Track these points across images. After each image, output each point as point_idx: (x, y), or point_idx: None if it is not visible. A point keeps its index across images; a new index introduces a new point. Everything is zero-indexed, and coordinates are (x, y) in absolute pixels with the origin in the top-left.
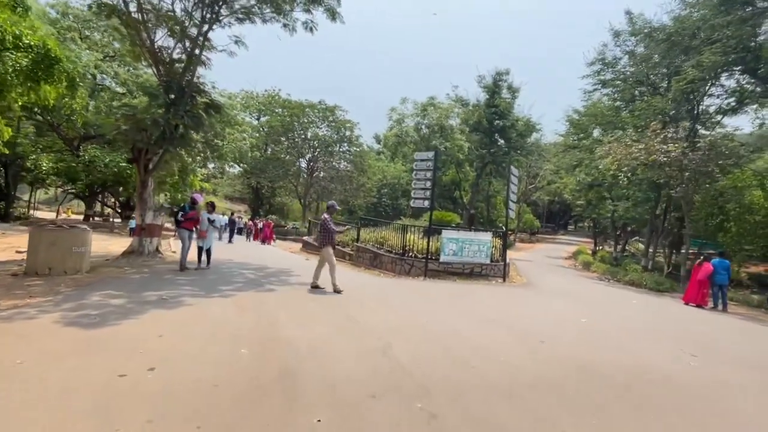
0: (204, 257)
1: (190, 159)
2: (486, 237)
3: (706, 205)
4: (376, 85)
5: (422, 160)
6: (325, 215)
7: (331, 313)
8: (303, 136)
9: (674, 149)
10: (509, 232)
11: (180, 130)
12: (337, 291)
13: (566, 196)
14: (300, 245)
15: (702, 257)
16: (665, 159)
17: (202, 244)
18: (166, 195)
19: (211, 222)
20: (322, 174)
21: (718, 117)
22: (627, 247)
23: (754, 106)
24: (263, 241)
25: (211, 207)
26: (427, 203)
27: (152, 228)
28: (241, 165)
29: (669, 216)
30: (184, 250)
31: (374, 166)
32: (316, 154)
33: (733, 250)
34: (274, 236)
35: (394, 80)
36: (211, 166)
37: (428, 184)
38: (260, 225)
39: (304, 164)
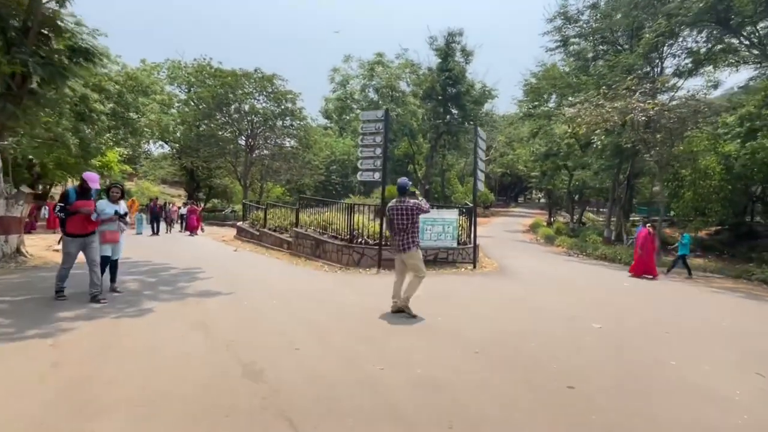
0: (107, 275)
1: (93, 133)
2: (451, 215)
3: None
4: (320, 54)
5: (370, 121)
6: (409, 201)
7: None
8: (239, 110)
9: (651, 107)
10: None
11: (31, 84)
12: (410, 314)
13: (520, 167)
14: (235, 232)
15: (642, 224)
16: (643, 118)
17: (110, 252)
18: (61, 181)
19: (121, 218)
20: (264, 151)
21: (675, 80)
22: (582, 218)
23: (709, 67)
24: (189, 231)
25: (116, 192)
26: (378, 175)
27: (6, 222)
28: (169, 143)
29: (631, 183)
30: (64, 268)
31: (321, 141)
32: (255, 129)
33: (687, 219)
34: (201, 224)
35: (342, 46)
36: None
37: (378, 151)
38: (183, 211)
39: (242, 141)
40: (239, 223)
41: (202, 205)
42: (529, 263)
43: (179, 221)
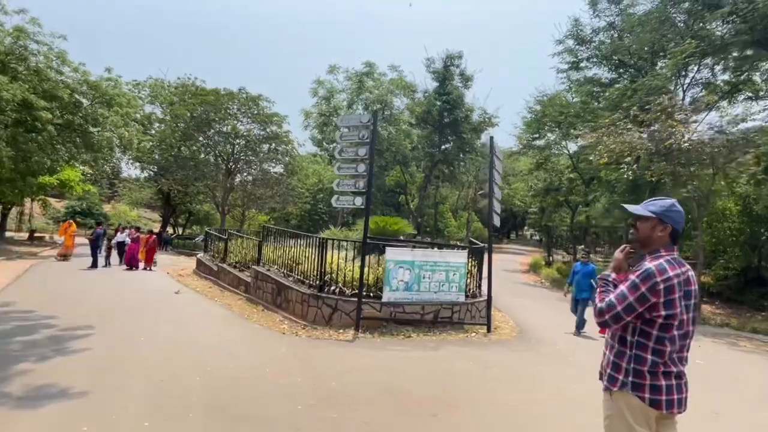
0: None
1: (35, 145)
2: (458, 258)
3: None
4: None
5: (352, 129)
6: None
7: None
8: (220, 132)
9: (692, 132)
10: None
11: None
12: None
13: (517, 202)
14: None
15: None
16: (687, 146)
17: None
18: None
19: None
20: (246, 176)
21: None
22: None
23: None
24: (129, 265)
25: None
26: (359, 201)
27: None
28: (144, 165)
29: None
30: None
31: (309, 168)
32: (237, 153)
33: (707, 262)
34: (154, 255)
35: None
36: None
37: (362, 168)
38: (121, 238)
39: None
40: (199, 255)
41: (176, 230)
42: (551, 318)
43: (108, 251)
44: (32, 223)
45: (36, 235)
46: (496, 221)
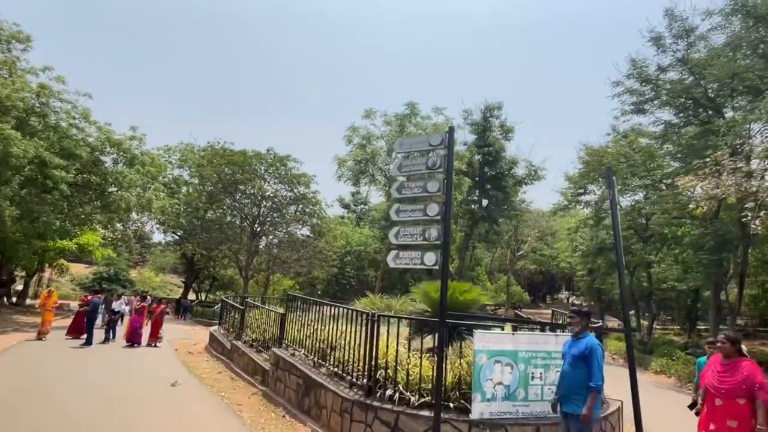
0: None
1: (46, 205)
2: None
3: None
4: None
5: (416, 154)
6: None
7: None
8: (246, 193)
9: None
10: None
11: None
12: None
13: (562, 263)
14: (210, 339)
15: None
16: None
17: None
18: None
19: None
20: (272, 238)
21: None
22: (654, 326)
23: None
24: (130, 341)
25: None
26: (431, 258)
27: None
28: (166, 228)
29: (743, 285)
30: None
31: (336, 230)
32: (263, 216)
33: None
34: (160, 330)
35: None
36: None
37: (434, 209)
38: (122, 308)
39: (248, 227)
40: (212, 329)
41: (199, 296)
42: None
43: (110, 323)
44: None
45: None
46: (626, 282)
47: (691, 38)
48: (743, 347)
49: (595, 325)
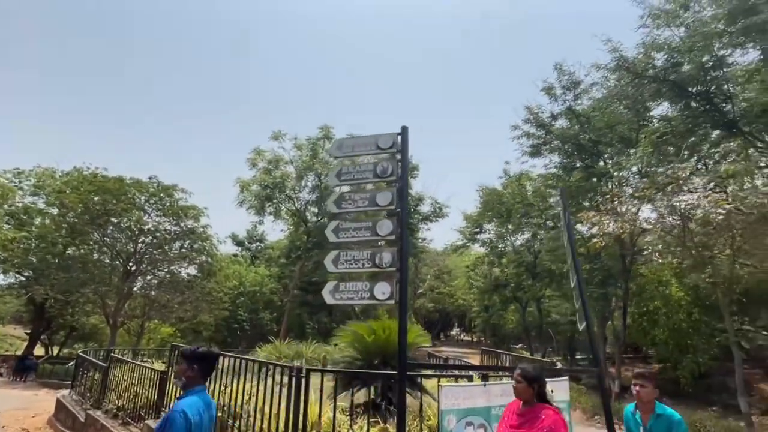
0: None
1: None
2: (558, 392)
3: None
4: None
5: (359, 162)
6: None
7: None
8: (120, 226)
9: (726, 202)
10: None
11: None
12: None
13: (459, 300)
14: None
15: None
16: (720, 217)
17: None
18: None
19: None
20: (150, 279)
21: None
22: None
23: None
24: None
25: None
26: (384, 290)
27: None
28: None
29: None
30: None
31: (229, 269)
32: (140, 250)
33: (675, 360)
34: None
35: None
36: None
37: (386, 227)
38: None
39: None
40: (60, 394)
41: (51, 351)
42: None
43: None
44: None
45: None
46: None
47: (578, 90)
48: (548, 390)
49: (560, 368)
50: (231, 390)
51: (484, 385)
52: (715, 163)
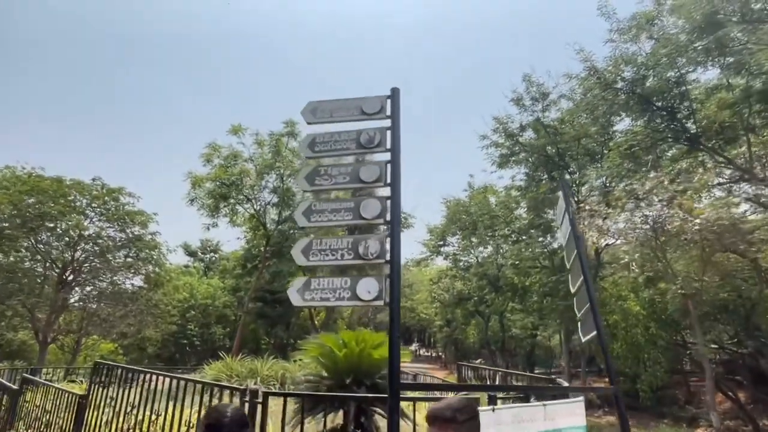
0: None
1: None
2: (573, 417)
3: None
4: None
5: (339, 130)
6: None
7: None
8: (56, 231)
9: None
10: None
11: None
12: None
13: (422, 314)
14: None
15: None
16: (697, 228)
17: None
18: None
19: None
20: (90, 290)
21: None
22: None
23: None
24: None
25: None
26: (371, 288)
27: None
28: None
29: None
30: None
31: (179, 280)
32: (78, 259)
33: (633, 374)
34: None
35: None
36: None
37: (372, 208)
38: None
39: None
40: None
41: None
42: None
43: None
44: None
45: None
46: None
47: (546, 102)
48: None
49: (568, 386)
50: (164, 418)
51: (492, 410)
52: (672, 179)
